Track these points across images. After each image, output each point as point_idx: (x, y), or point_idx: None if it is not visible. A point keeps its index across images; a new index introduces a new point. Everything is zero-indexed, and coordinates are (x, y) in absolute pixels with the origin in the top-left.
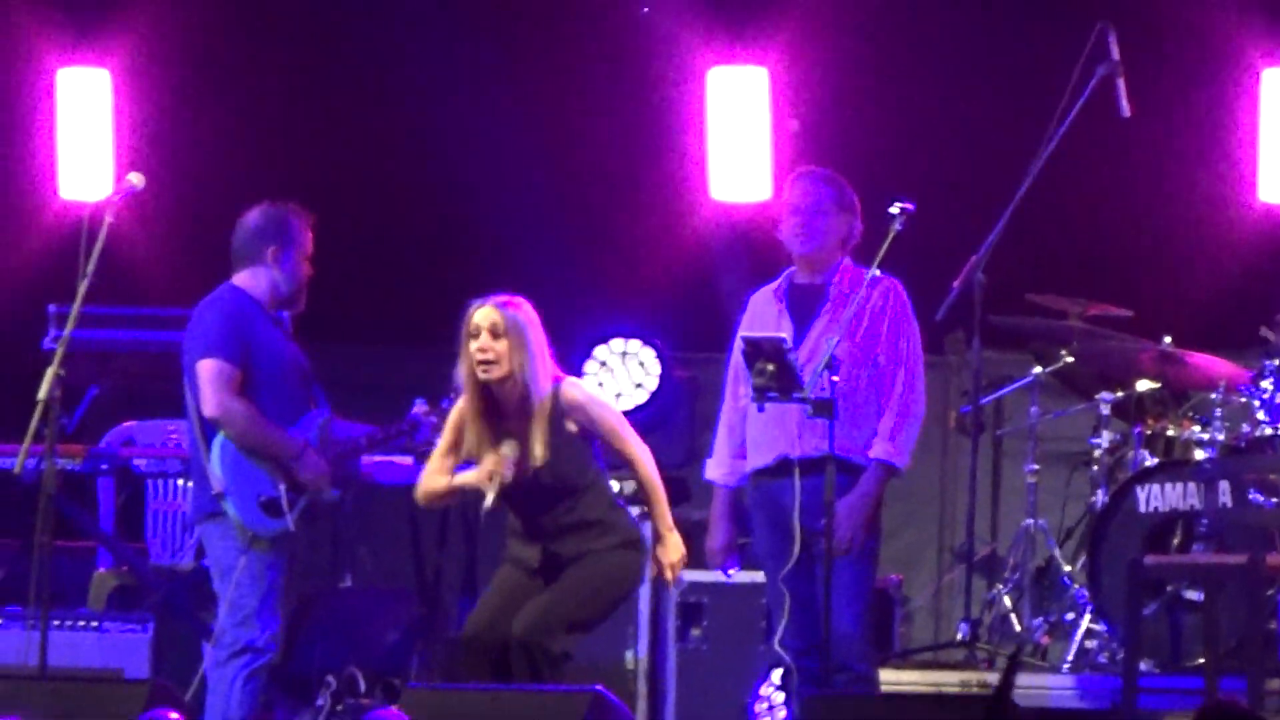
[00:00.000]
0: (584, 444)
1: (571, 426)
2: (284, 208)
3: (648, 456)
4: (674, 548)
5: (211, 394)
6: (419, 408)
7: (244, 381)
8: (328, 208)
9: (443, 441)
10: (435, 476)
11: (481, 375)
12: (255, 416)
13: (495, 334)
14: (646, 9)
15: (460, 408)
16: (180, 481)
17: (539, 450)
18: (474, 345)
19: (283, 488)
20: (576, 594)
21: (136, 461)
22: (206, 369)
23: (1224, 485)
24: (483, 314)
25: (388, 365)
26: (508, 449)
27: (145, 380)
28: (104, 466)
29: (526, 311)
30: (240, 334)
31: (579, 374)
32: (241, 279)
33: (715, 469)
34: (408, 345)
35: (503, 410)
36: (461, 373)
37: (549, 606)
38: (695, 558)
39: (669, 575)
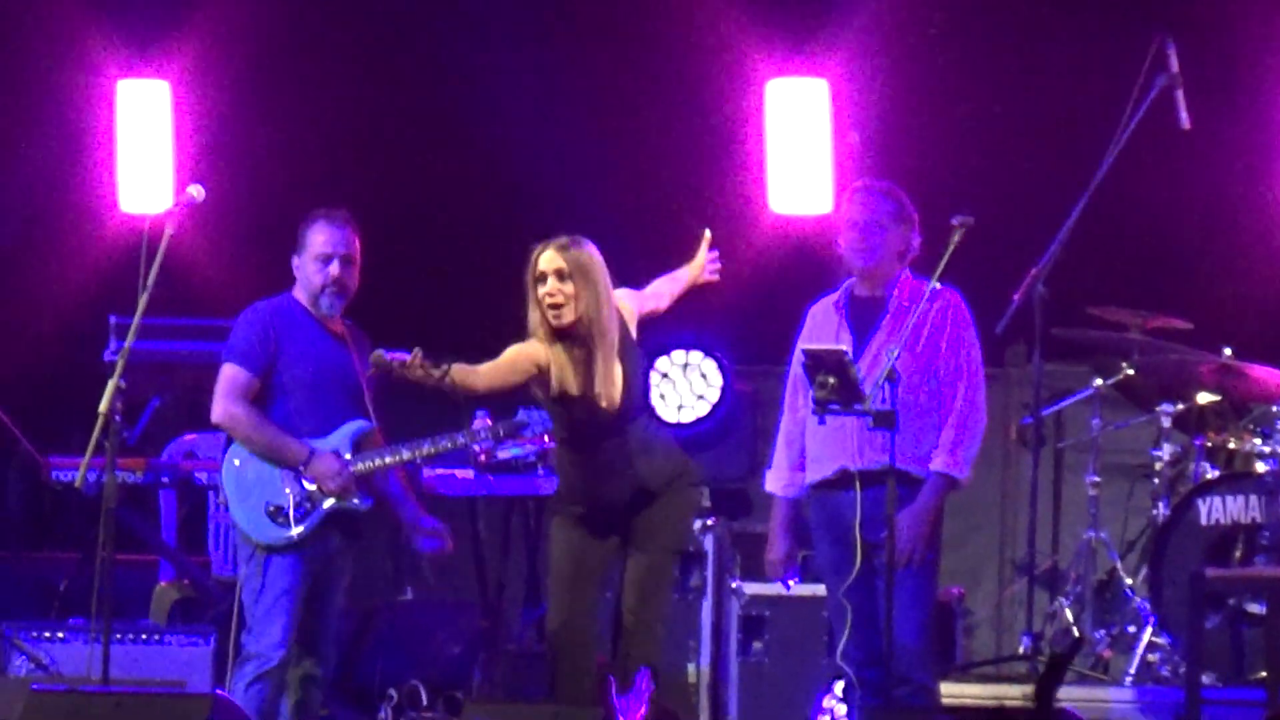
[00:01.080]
0: (642, 358)
1: (633, 334)
2: (305, 220)
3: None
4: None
5: (218, 399)
6: (480, 420)
7: (268, 388)
8: (387, 217)
9: (494, 364)
10: (472, 375)
11: (553, 320)
12: (258, 423)
13: (562, 277)
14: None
15: (519, 355)
16: None
17: (617, 386)
18: (542, 290)
19: (294, 496)
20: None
21: (198, 474)
22: (221, 374)
23: None
24: (547, 258)
25: None
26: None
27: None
28: (165, 479)
29: (590, 250)
30: (265, 342)
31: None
32: (296, 289)
33: (775, 481)
34: (472, 354)
35: (575, 346)
36: (532, 319)
37: (651, 620)
38: (757, 570)
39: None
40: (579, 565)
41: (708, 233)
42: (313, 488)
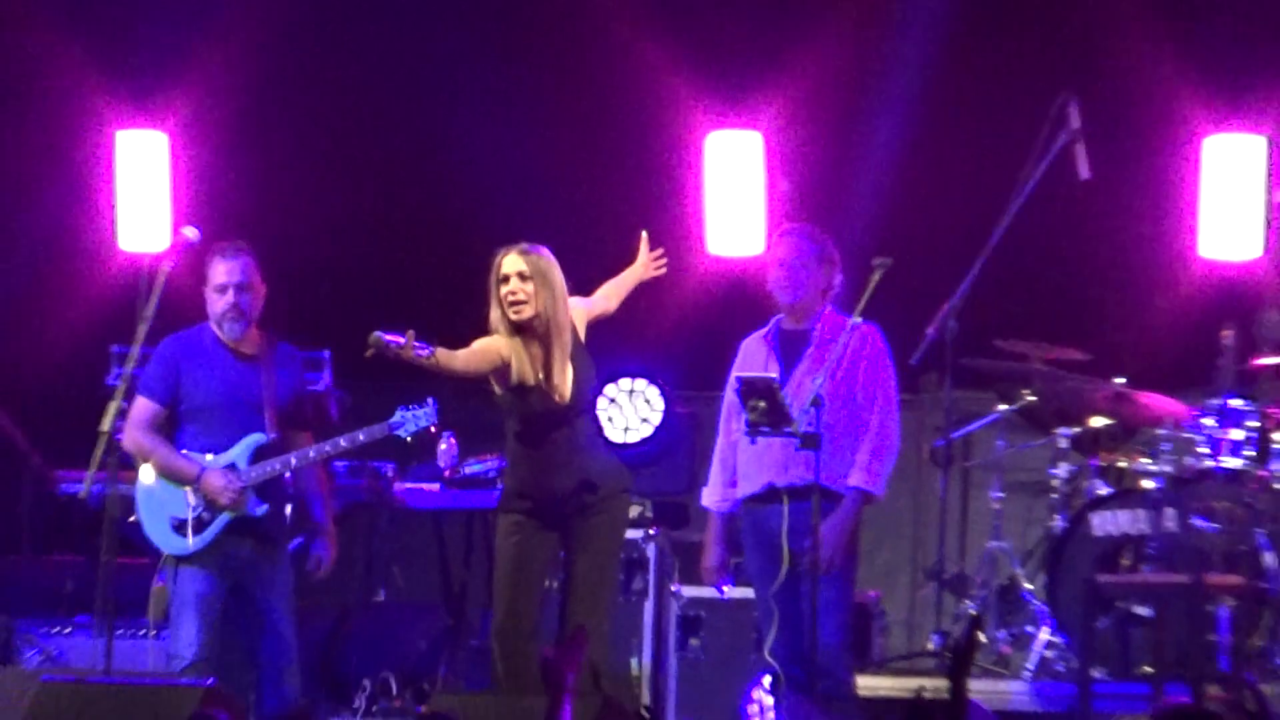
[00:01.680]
0: (590, 361)
1: (582, 338)
2: (208, 252)
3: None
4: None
5: (127, 428)
6: (444, 443)
7: (175, 414)
8: (362, 253)
9: (468, 351)
10: (452, 358)
11: (513, 316)
12: (156, 448)
13: (523, 278)
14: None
15: (488, 346)
16: None
17: (568, 381)
18: (505, 289)
19: (194, 511)
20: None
21: None
22: (134, 405)
23: (1170, 512)
24: (510, 261)
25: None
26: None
27: None
28: None
29: (547, 255)
30: (169, 375)
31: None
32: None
33: (710, 496)
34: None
35: (533, 341)
36: (494, 317)
37: (594, 628)
38: (694, 575)
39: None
40: (523, 565)
41: (645, 234)
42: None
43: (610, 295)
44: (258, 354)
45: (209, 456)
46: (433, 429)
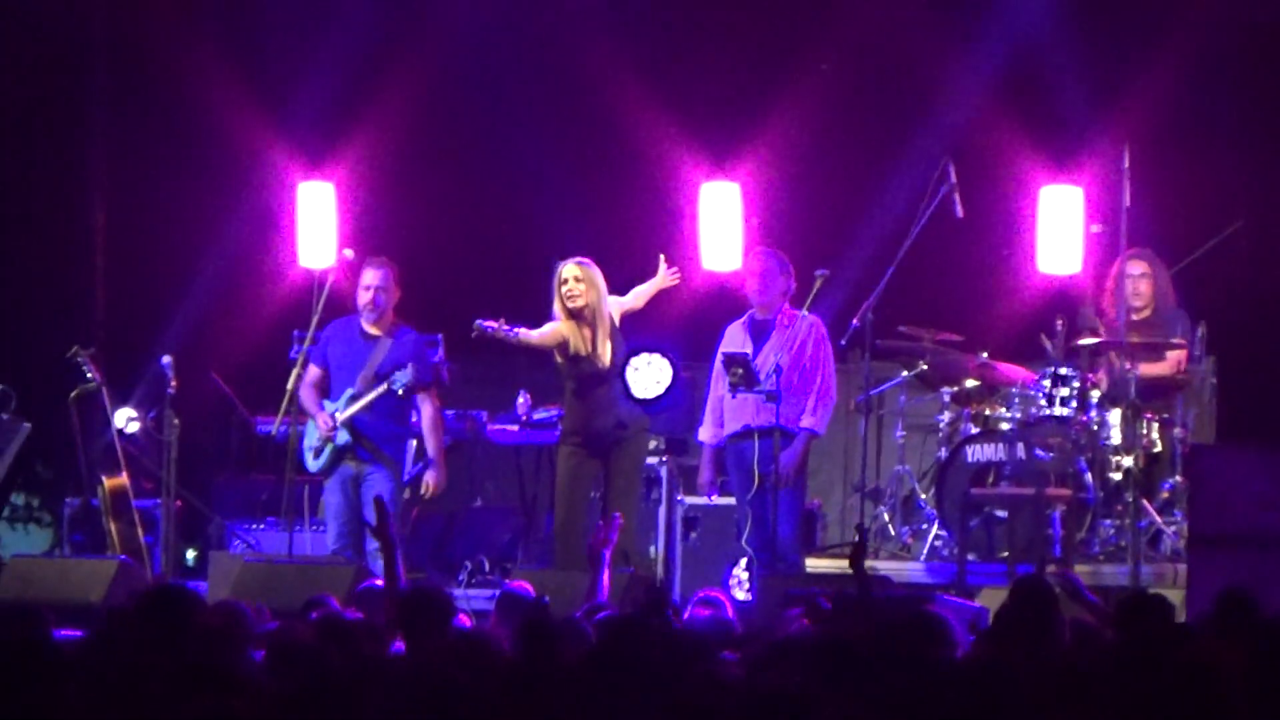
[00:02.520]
0: (622, 340)
1: (616, 323)
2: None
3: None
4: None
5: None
6: (521, 398)
7: (328, 370)
8: (465, 263)
9: (540, 331)
10: (530, 336)
11: (570, 305)
12: (303, 399)
13: (577, 280)
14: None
15: (554, 328)
16: None
17: (606, 353)
18: (565, 288)
19: (316, 443)
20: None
21: None
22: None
23: (1020, 446)
24: (569, 269)
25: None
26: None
27: None
28: None
29: (593, 266)
30: (321, 347)
31: (623, 374)
32: None
33: (704, 433)
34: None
35: (583, 325)
36: (556, 307)
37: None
38: (692, 489)
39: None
40: (575, 481)
41: (662, 256)
42: (323, 435)
43: (639, 296)
44: (380, 334)
45: (328, 405)
46: (410, 382)
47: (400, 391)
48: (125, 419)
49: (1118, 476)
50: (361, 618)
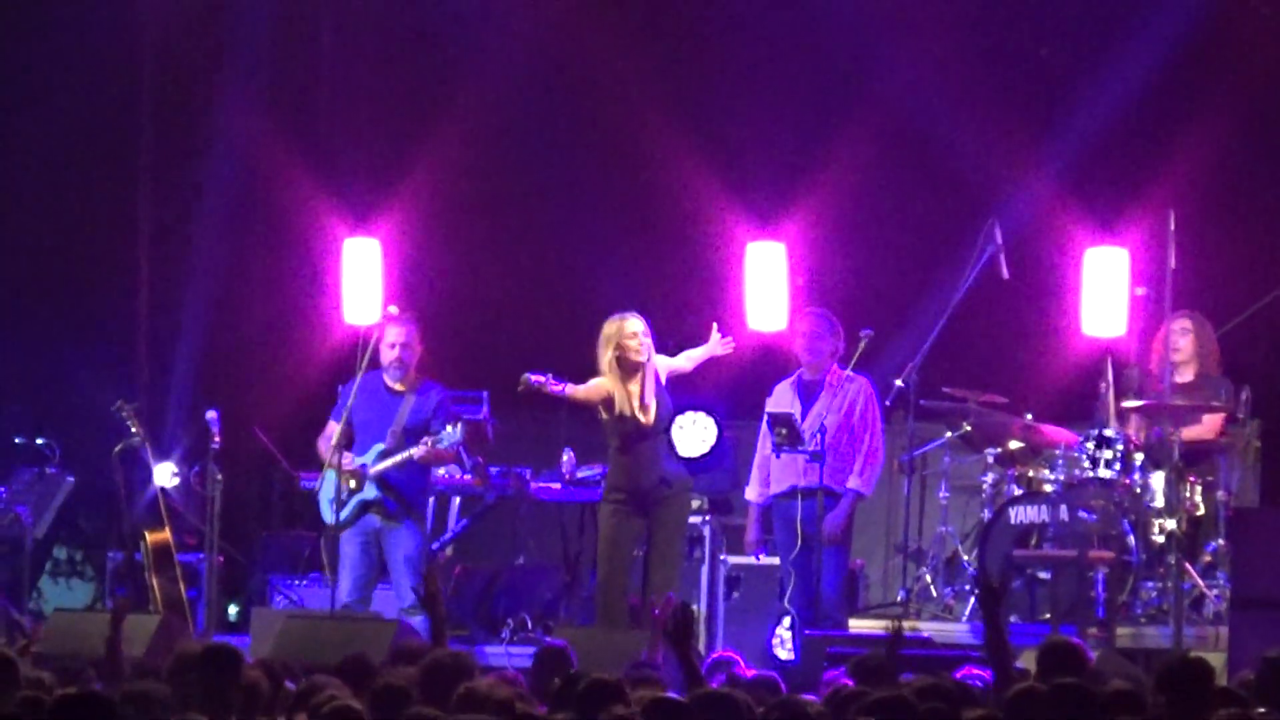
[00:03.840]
0: (668, 399)
1: (663, 382)
2: (384, 319)
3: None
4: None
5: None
6: (566, 455)
7: (348, 426)
8: (509, 320)
9: (586, 387)
10: (578, 391)
11: (635, 358)
12: (321, 450)
13: (646, 334)
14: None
15: (600, 384)
16: None
17: (651, 408)
18: (633, 342)
19: (341, 495)
20: (670, 563)
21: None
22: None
23: (1064, 507)
24: (636, 323)
25: (546, 425)
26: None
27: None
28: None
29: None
30: (342, 403)
31: (668, 433)
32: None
33: (750, 492)
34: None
35: (632, 380)
36: (606, 361)
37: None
38: (736, 548)
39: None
40: (618, 538)
41: (715, 324)
42: (349, 488)
43: (690, 359)
44: (406, 390)
45: (355, 460)
46: (460, 440)
47: (447, 449)
48: (167, 474)
49: (1160, 539)
50: None
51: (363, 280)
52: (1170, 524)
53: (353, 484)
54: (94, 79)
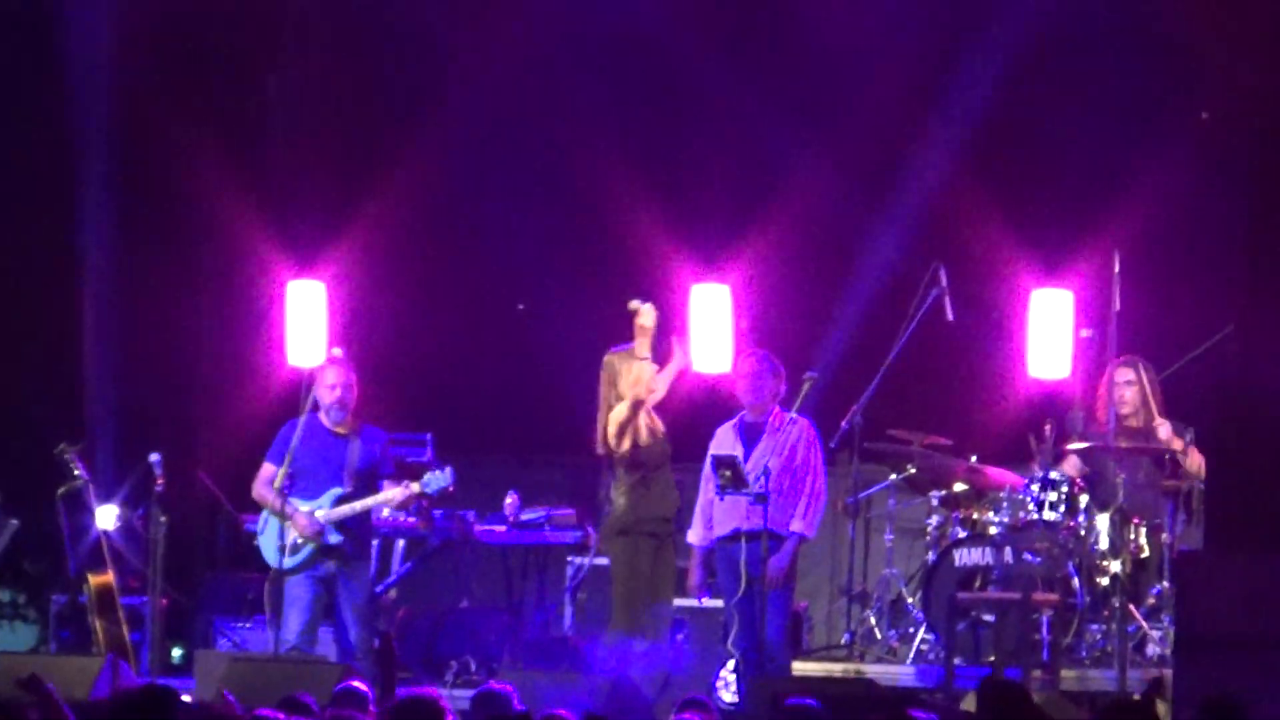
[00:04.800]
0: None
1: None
2: (323, 363)
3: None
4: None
5: (255, 482)
6: (510, 498)
7: (289, 468)
8: (454, 362)
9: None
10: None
11: (648, 398)
12: (269, 497)
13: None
14: (1205, 114)
15: (620, 410)
16: None
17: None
18: (645, 383)
19: (292, 539)
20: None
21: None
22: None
23: (1008, 550)
24: (650, 368)
25: (491, 468)
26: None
27: None
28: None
29: None
30: (281, 445)
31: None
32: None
33: (693, 535)
34: (504, 453)
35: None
36: (632, 389)
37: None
38: (681, 591)
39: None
40: (633, 564)
41: (675, 339)
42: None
43: (662, 383)
44: (348, 433)
45: (301, 504)
46: (450, 489)
47: (433, 494)
48: (110, 517)
49: (1105, 581)
50: None
51: (307, 322)
52: (1115, 566)
53: (304, 534)
54: (43, 111)
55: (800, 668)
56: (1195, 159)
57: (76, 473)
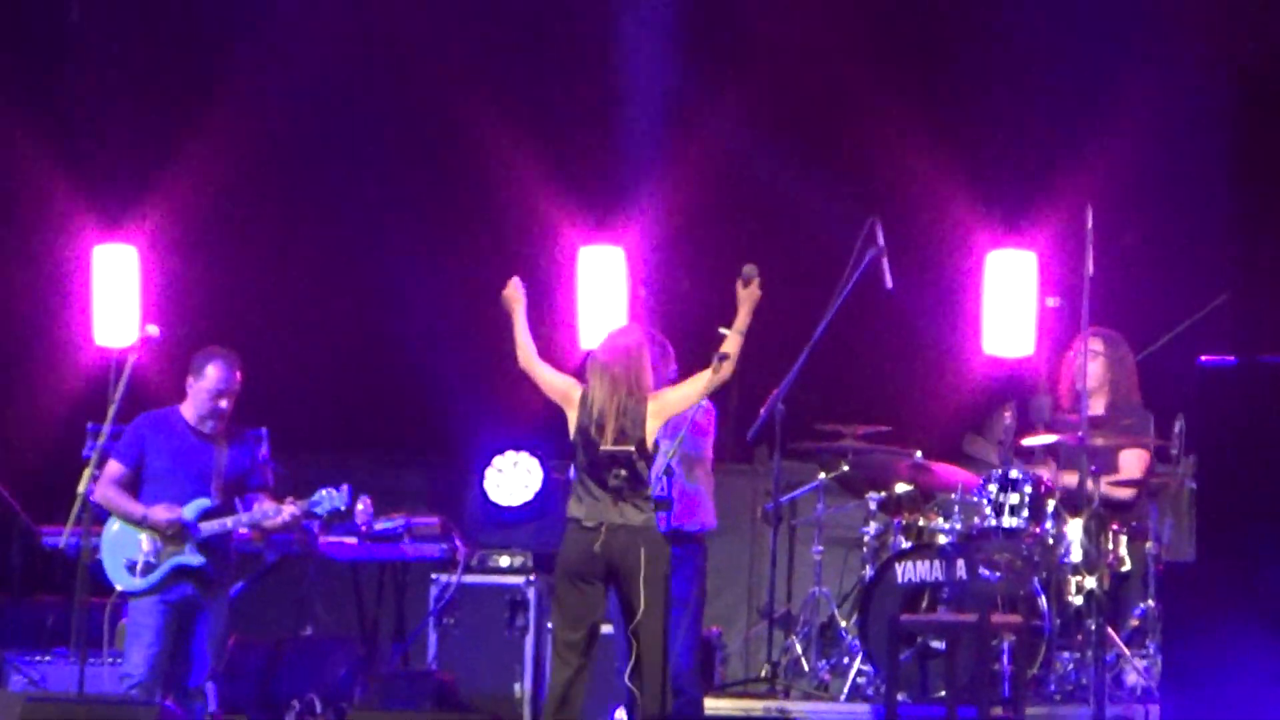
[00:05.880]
0: None
1: None
2: (205, 353)
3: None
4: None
5: (99, 483)
6: (361, 504)
7: (139, 476)
8: (296, 343)
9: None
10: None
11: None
12: (117, 499)
13: None
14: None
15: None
16: None
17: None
18: None
19: (145, 556)
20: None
21: None
22: (106, 466)
23: (961, 563)
24: None
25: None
26: None
27: None
28: None
29: None
30: (135, 443)
31: (482, 479)
32: (185, 405)
33: None
34: (352, 452)
35: None
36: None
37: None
38: None
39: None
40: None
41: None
42: (163, 548)
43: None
44: (215, 435)
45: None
46: (343, 510)
47: (322, 515)
48: None
49: (1078, 601)
50: None
51: (117, 294)
52: (1090, 582)
53: (171, 546)
54: None
55: (713, 706)
56: (1180, 95)
57: None
